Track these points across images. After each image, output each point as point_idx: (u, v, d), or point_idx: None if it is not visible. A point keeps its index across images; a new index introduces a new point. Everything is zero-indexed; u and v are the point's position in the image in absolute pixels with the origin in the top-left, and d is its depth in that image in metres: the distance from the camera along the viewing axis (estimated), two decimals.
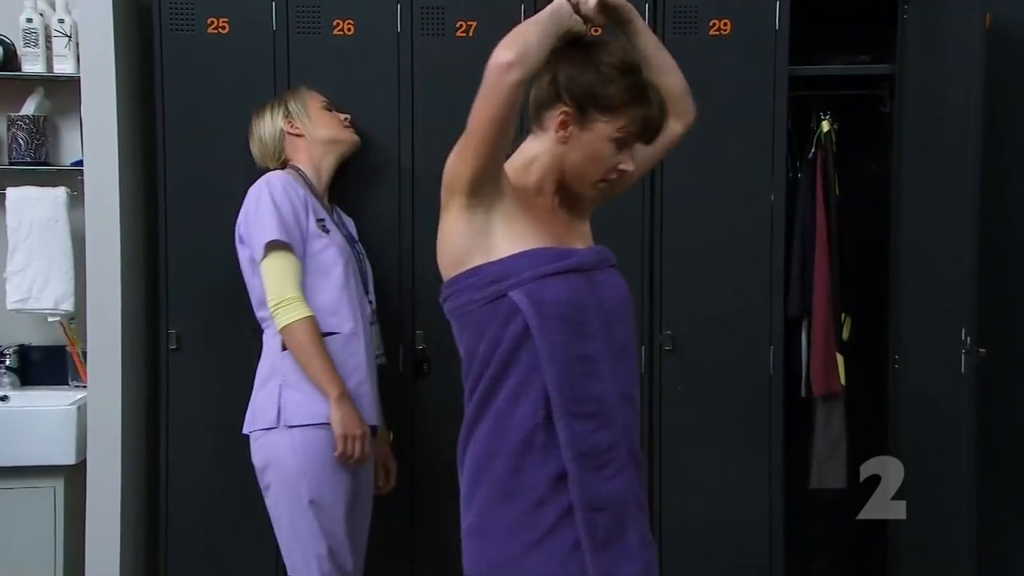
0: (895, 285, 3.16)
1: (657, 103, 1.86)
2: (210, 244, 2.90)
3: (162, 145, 3.03)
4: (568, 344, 1.76)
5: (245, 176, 2.75)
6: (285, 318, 2.51)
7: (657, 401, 3.09)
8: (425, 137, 3.04)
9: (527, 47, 1.67)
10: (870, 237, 3.33)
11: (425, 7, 3.02)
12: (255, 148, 2.82)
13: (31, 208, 3.24)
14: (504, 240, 1.77)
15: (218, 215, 2.80)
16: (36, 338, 3.40)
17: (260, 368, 2.63)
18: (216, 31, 3.01)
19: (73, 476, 3.12)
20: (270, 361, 2.60)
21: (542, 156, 1.86)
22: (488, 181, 1.74)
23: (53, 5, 3.30)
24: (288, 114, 2.77)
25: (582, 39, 1.84)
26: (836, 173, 3.26)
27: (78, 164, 3.28)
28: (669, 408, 3.10)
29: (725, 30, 3.05)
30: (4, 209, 3.29)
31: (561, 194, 1.91)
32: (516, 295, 1.74)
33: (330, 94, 2.89)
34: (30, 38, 3.25)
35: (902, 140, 3.14)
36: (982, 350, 2.92)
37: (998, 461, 3.14)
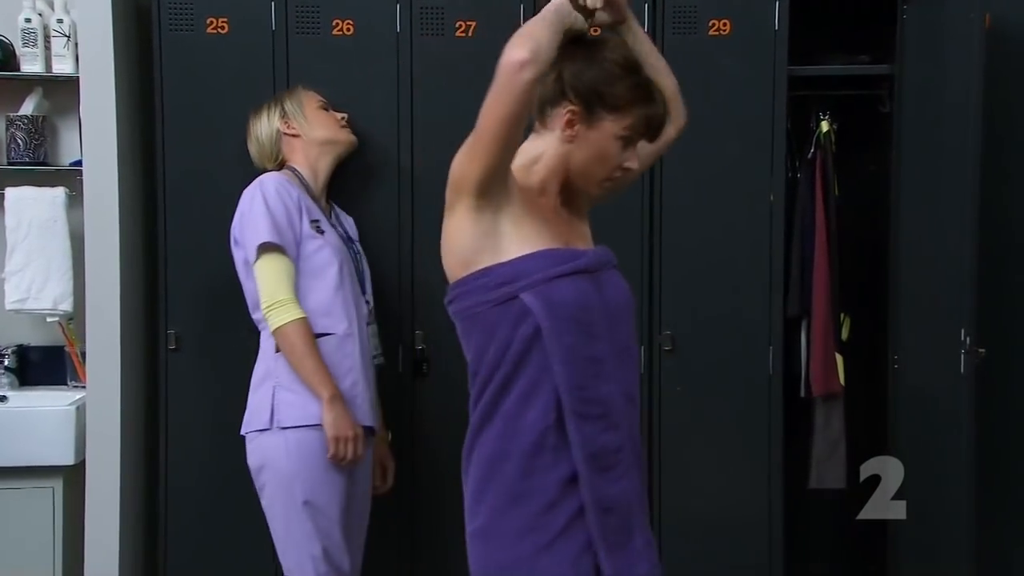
0: (894, 285, 3.16)
1: (661, 101, 1.85)
2: (209, 244, 2.90)
3: (161, 145, 3.03)
4: (578, 345, 1.75)
5: (244, 176, 2.74)
6: (277, 320, 2.51)
7: (656, 401, 3.09)
8: (424, 137, 3.04)
9: (539, 45, 1.65)
10: (869, 237, 3.34)
11: (424, 7, 3.02)
12: (253, 149, 2.82)
13: (30, 208, 3.24)
14: (512, 241, 1.76)
15: (217, 215, 2.80)
16: (35, 338, 3.40)
17: (256, 370, 2.63)
18: (215, 31, 3.01)
19: (72, 476, 3.12)
20: (265, 363, 2.60)
21: (546, 155, 1.85)
22: (497, 181, 1.73)
23: (52, 5, 3.30)
24: (284, 114, 2.77)
25: (583, 37, 1.83)
26: (835, 173, 3.26)
27: (77, 164, 3.28)
28: (668, 408, 3.10)
29: (724, 30, 3.05)
30: (3, 209, 3.29)
31: (562, 194, 1.89)
32: (527, 297, 1.73)
33: (329, 94, 2.88)
34: (29, 38, 3.25)
35: (901, 140, 3.15)
36: (981, 350, 2.92)
37: (997, 461, 3.13)
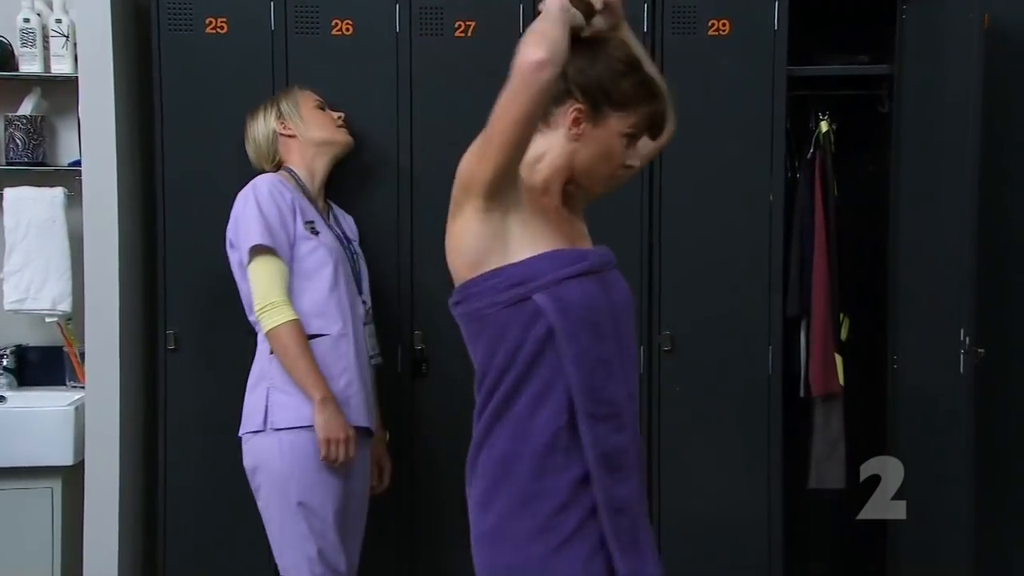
0: (894, 285, 3.16)
1: (664, 97, 1.84)
2: (208, 244, 2.89)
3: (160, 145, 3.03)
4: (589, 346, 1.75)
5: (243, 176, 2.74)
6: (270, 322, 2.51)
7: (656, 401, 3.09)
8: (424, 137, 3.04)
9: (556, 44, 1.64)
10: (869, 237, 3.33)
11: (424, 7, 3.02)
12: (250, 150, 2.82)
13: (28, 208, 3.23)
14: (521, 242, 1.74)
15: (217, 215, 2.79)
16: (33, 338, 3.40)
17: (252, 371, 2.63)
18: (214, 31, 3.00)
19: (71, 477, 3.11)
20: (260, 364, 2.61)
21: (551, 154, 1.83)
22: (507, 182, 1.71)
23: (51, 5, 3.29)
24: (280, 115, 2.76)
25: (581, 36, 1.82)
26: (835, 173, 3.26)
27: (75, 164, 3.28)
28: (668, 408, 3.10)
29: (724, 30, 3.05)
30: (1, 209, 3.28)
31: (562, 193, 1.88)
32: (540, 297, 1.72)
33: (328, 94, 2.88)
34: (27, 38, 3.25)
35: (901, 140, 3.15)
36: (981, 350, 2.92)
37: (997, 461, 3.13)
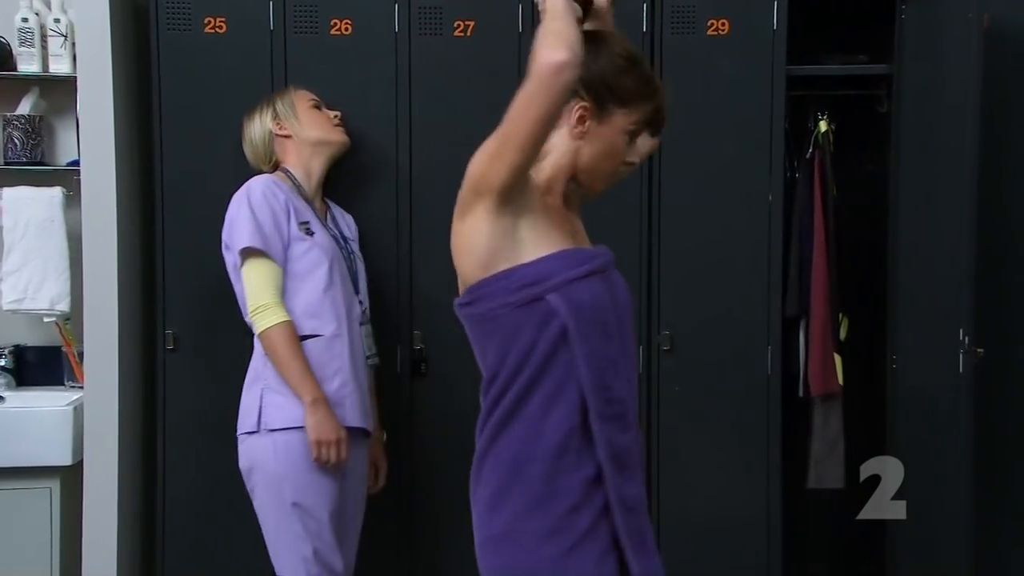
0: (893, 285, 3.16)
1: (665, 93, 1.83)
2: (208, 244, 2.88)
3: (159, 145, 3.02)
4: (599, 346, 1.74)
5: (242, 176, 2.73)
6: (262, 324, 2.51)
7: (655, 401, 3.09)
8: (423, 137, 3.03)
9: (573, 43, 1.62)
10: (868, 237, 3.34)
11: (423, 7, 3.02)
12: (247, 151, 2.81)
13: (27, 208, 3.23)
14: (532, 242, 1.73)
15: (215, 215, 2.78)
16: (31, 339, 3.39)
17: (248, 372, 2.63)
18: (213, 31, 3.00)
19: (69, 477, 3.11)
20: (255, 365, 2.61)
21: (554, 153, 1.81)
22: (520, 182, 1.71)
23: (49, 4, 3.29)
24: (276, 116, 2.76)
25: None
26: (834, 173, 3.26)
27: (74, 164, 3.27)
28: (667, 408, 3.10)
29: (723, 30, 3.05)
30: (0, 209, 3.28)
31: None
32: (553, 298, 1.71)
33: (327, 94, 2.88)
34: (25, 38, 3.24)
35: (900, 140, 3.15)
36: (980, 350, 2.92)
37: (996, 461, 3.13)
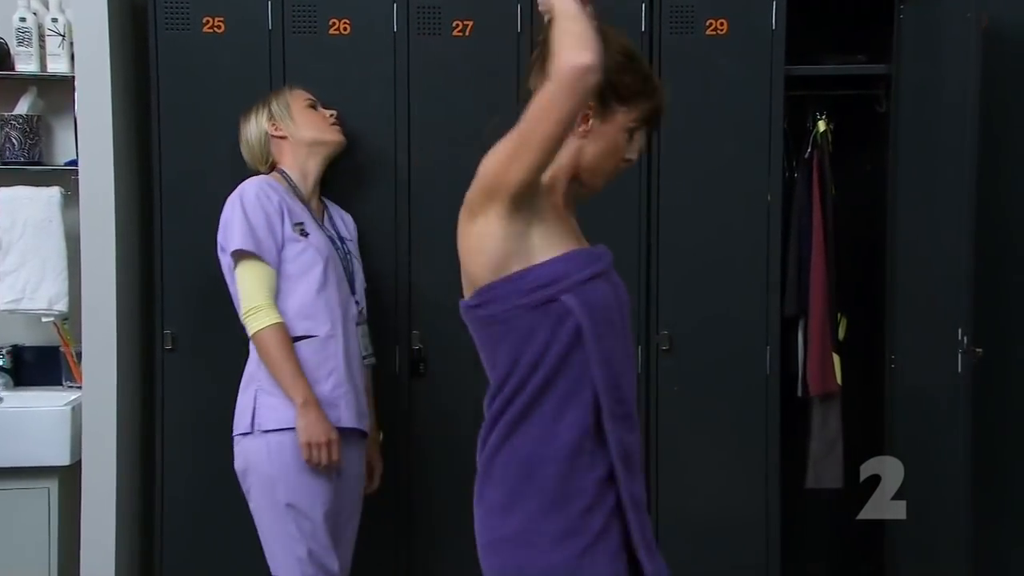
0: (891, 285, 3.17)
1: (663, 89, 1.82)
2: (206, 244, 2.87)
3: (157, 145, 3.02)
4: (610, 346, 1.75)
5: (240, 176, 2.73)
6: (254, 326, 2.52)
7: (654, 401, 3.09)
8: (421, 137, 3.03)
9: (596, 46, 1.61)
10: (866, 237, 3.34)
11: (421, 6, 3.02)
12: (244, 151, 2.81)
13: (25, 208, 3.22)
14: (542, 243, 1.73)
15: (214, 215, 2.77)
16: (29, 338, 3.39)
17: (244, 374, 2.64)
18: (211, 30, 3.00)
19: (67, 477, 3.10)
20: (251, 366, 2.61)
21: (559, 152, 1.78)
22: (534, 184, 1.70)
23: (46, 4, 3.28)
24: (271, 116, 2.75)
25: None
26: (832, 173, 3.26)
27: (71, 164, 3.27)
28: (666, 408, 3.10)
29: (722, 30, 3.05)
30: None
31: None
32: (568, 298, 1.70)
33: (326, 94, 2.87)
34: (23, 37, 3.23)
35: (898, 140, 3.15)
36: (979, 350, 2.92)
37: (994, 461, 3.13)
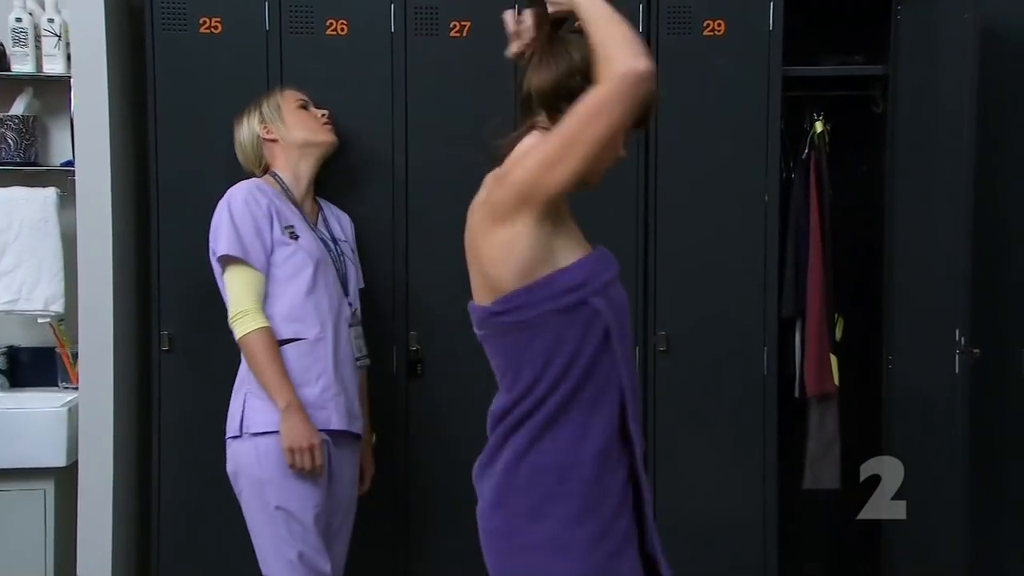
0: (888, 285, 3.17)
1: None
2: (202, 245, 2.86)
3: (154, 145, 3.01)
4: (629, 348, 1.78)
5: (237, 177, 2.73)
6: (240, 330, 2.52)
7: (651, 401, 3.09)
8: (418, 137, 3.03)
9: (646, 50, 1.63)
10: (863, 237, 3.34)
11: (419, 7, 3.01)
12: (239, 154, 2.80)
13: (21, 209, 3.22)
14: (564, 247, 1.73)
15: (210, 216, 2.76)
16: (25, 339, 3.38)
17: (236, 377, 2.63)
18: (208, 31, 2.99)
19: (64, 478, 3.10)
20: (242, 370, 2.61)
21: None
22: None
23: (43, 4, 3.27)
24: (263, 119, 2.74)
25: (564, 26, 1.81)
26: (829, 174, 3.26)
27: (67, 164, 3.26)
28: (663, 408, 3.10)
29: (719, 30, 3.05)
30: None
31: None
32: (596, 301, 1.72)
33: (323, 94, 2.87)
34: (19, 37, 3.23)
35: (895, 141, 3.15)
36: (976, 350, 2.93)
37: (992, 461, 3.14)
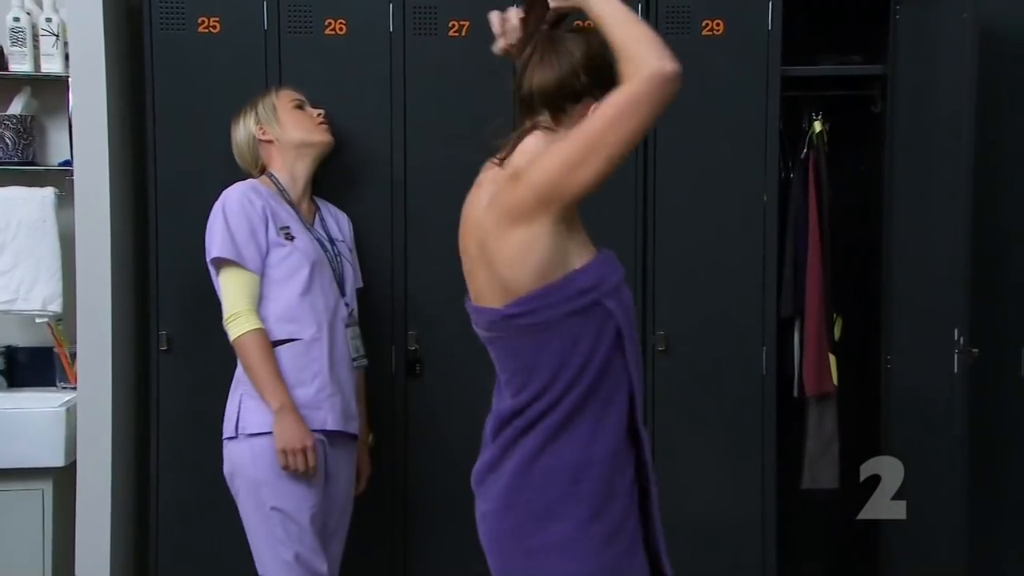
0: (887, 285, 3.17)
1: None
2: (201, 245, 2.85)
3: (152, 145, 3.01)
4: (638, 349, 1.78)
5: (235, 177, 2.73)
6: (234, 331, 2.52)
7: (650, 401, 3.09)
8: (417, 137, 3.03)
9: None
10: (862, 237, 3.34)
11: (417, 7, 3.01)
12: (236, 155, 2.79)
13: (19, 208, 3.21)
14: (576, 247, 1.74)
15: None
16: (23, 339, 3.38)
17: (233, 378, 2.63)
18: (207, 30, 2.99)
19: (62, 478, 3.09)
20: (239, 371, 2.61)
21: None
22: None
23: (40, 4, 3.27)
24: (258, 120, 2.73)
25: (563, 23, 1.82)
26: (828, 173, 3.26)
27: (65, 164, 3.26)
28: (662, 408, 3.10)
29: (718, 30, 3.05)
30: None
31: None
32: (610, 302, 1.73)
33: (321, 94, 2.87)
34: (17, 37, 3.23)
35: (894, 140, 3.15)
36: (975, 350, 2.93)
37: (990, 461, 3.15)
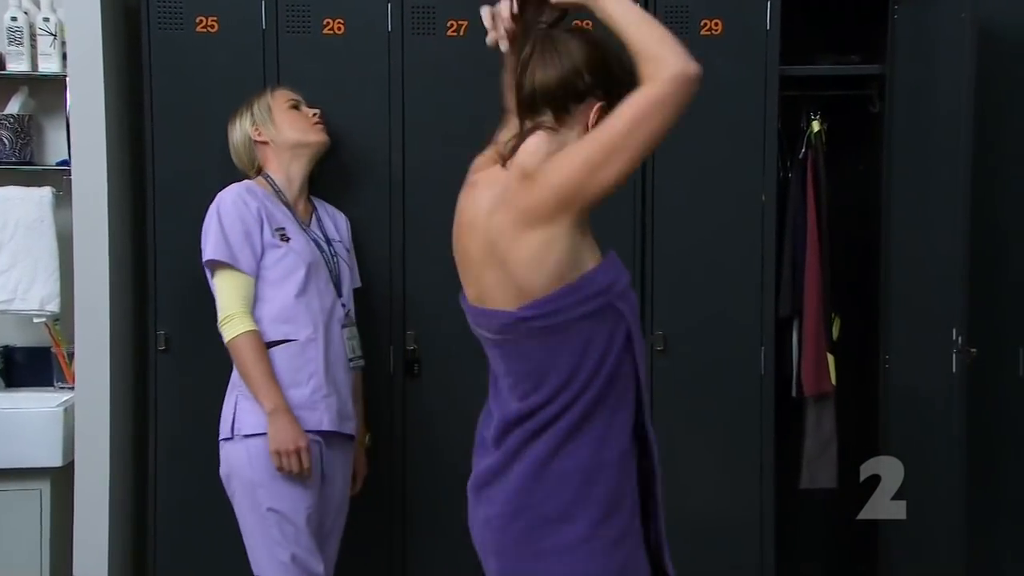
0: (885, 285, 3.17)
1: None
2: (199, 244, 2.86)
3: (150, 145, 3.00)
4: (644, 351, 1.79)
5: (233, 177, 2.73)
6: (228, 333, 2.53)
7: (648, 401, 3.08)
8: (415, 137, 3.02)
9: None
10: (860, 237, 3.34)
11: (416, 6, 3.01)
12: (233, 156, 2.79)
13: (16, 208, 3.21)
14: (587, 249, 1.74)
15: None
16: (21, 339, 3.37)
17: (230, 379, 2.63)
18: (205, 30, 2.98)
19: (60, 478, 3.09)
20: (235, 373, 2.61)
21: None
22: None
23: (38, 3, 3.27)
24: (254, 121, 2.73)
25: (562, 22, 1.82)
26: (826, 173, 3.26)
27: (63, 164, 3.26)
28: (660, 408, 3.08)
29: (716, 30, 3.05)
30: None
31: None
32: (621, 304, 1.74)
33: (320, 94, 2.87)
34: (14, 37, 3.22)
35: (892, 140, 3.15)
36: (973, 350, 2.93)
37: (989, 461, 3.15)
